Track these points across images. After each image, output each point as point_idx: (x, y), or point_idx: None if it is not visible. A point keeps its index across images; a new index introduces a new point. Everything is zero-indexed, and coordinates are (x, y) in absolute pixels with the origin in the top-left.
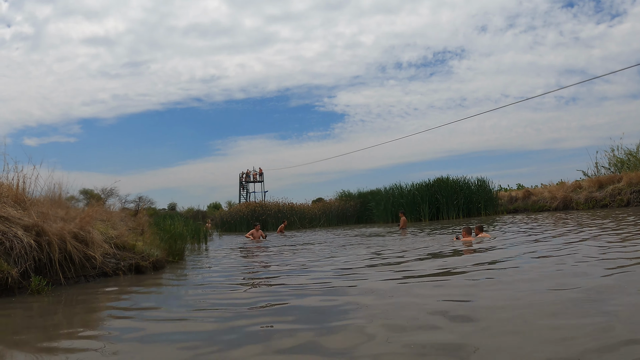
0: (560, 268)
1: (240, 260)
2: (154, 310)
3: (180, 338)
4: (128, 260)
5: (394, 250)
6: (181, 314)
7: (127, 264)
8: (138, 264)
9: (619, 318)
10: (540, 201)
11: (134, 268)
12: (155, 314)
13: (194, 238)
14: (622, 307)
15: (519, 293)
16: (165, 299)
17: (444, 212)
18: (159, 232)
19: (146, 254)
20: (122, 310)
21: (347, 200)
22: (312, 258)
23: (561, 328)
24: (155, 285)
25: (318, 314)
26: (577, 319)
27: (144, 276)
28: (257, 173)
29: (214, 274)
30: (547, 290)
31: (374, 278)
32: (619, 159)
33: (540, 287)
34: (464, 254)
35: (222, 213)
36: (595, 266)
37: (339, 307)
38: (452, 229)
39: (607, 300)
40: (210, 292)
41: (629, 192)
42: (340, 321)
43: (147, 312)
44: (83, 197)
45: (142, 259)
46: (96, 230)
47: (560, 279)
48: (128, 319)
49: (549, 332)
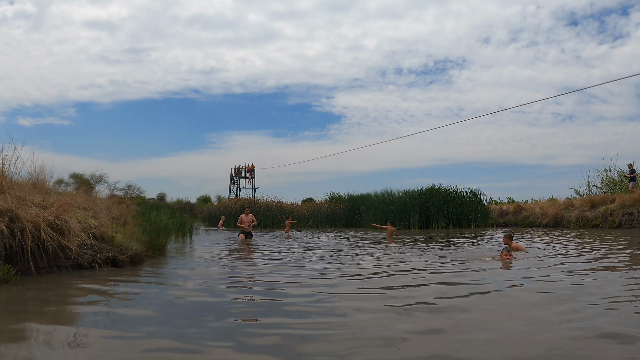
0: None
1: (225, 266)
2: (123, 307)
3: (145, 337)
4: (105, 252)
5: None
6: (148, 313)
7: (104, 257)
8: (115, 257)
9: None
10: (531, 217)
11: (110, 261)
12: (124, 311)
13: (178, 232)
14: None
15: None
16: (138, 298)
17: (434, 221)
18: (142, 224)
19: (124, 247)
20: (91, 304)
21: (337, 203)
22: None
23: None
24: (130, 281)
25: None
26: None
27: (121, 270)
28: (249, 168)
29: (192, 277)
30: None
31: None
32: (612, 180)
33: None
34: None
35: (210, 207)
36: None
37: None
38: (452, 239)
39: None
40: (183, 295)
41: (621, 213)
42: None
43: (117, 308)
44: (72, 181)
45: (119, 252)
46: (74, 219)
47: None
48: (96, 314)
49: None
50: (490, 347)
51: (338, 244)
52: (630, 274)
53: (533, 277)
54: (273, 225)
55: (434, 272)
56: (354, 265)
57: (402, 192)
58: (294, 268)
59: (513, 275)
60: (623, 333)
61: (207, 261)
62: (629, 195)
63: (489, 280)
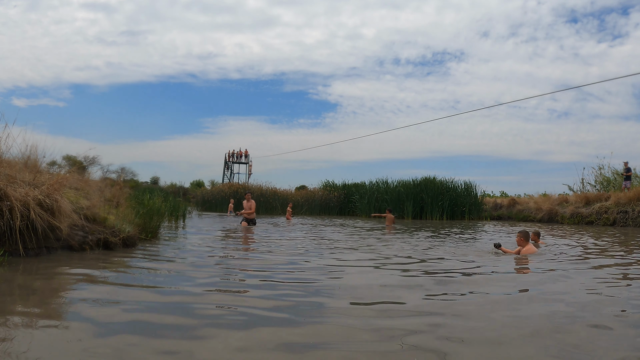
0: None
1: (219, 254)
2: (113, 290)
3: (133, 326)
4: (97, 234)
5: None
6: (140, 299)
7: (95, 239)
8: (107, 239)
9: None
10: (525, 211)
11: (102, 243)
12: (113, 297)
13: (171, 215)
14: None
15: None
16: (129, 281)
17: (428, 212)
18: (136, 206)
19: (117, 229)
20: (80, 287)
21: (331, 191)
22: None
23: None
24: (122, 265)
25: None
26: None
27: (112, 253)
28: (240, 153)
29: (185, 264)
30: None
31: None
32: (606, 178)
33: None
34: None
35: (204, 191)
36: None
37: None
38: (448, 230)
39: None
40: (174, 281)
41: (616, 211)
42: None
43: (106, 291)
44: (66, 163)
45: (112, 234)
46: (66, 199)
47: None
48: (84, 297)
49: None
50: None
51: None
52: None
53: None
54: (266, 211)
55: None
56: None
57: (397, 182)
58: (289, 254)
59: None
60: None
61: (199, 245)
62: (625, 194)
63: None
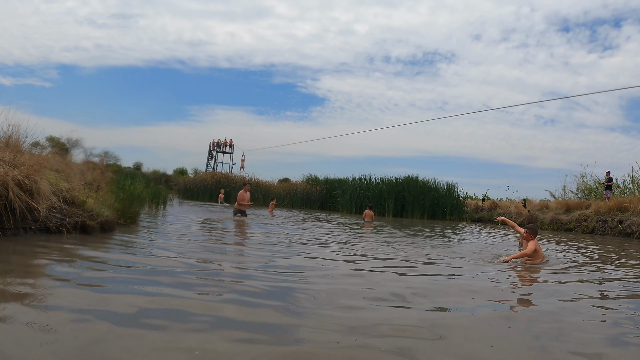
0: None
1: (201, 242)
2: (86, 274)
3: (106, 311)
4: (75, 217)
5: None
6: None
7: (73, 222)
8: (85, 222)
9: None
10: (505, 214)
11: (79, 226)
12: (86, 278)
13: (152, 202)
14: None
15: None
16: (103, 266)
17: (409, 210)
18: (116, 191)
19: (95, 213)
20: (54, 269)
21: (313, 185)
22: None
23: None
24: (99, 248)
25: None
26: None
27: (89, 237)
28: (225, 143)
29: (163, 249)
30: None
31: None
32: (588, 186)
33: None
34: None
35: (186, 179)
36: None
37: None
38: (420, 229)
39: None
40: (148, 265)
41: (595, 220)
42: None
43: (79, 274)
44: (49, 144)
45: (90, 218)
46: (45, 180)
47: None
48: (57, 278)
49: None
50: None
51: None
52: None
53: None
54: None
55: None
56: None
57: (380, 179)
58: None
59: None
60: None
61: (179, 232)
62: (605, 203)
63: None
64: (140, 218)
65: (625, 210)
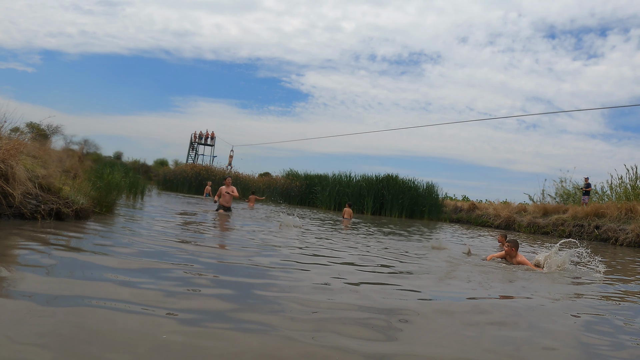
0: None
1: (173, 234)
2: (55, 260)
3: (73, 299)
4: (50, 204)
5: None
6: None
7: (48, 208)
8: (59, 209)
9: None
10: (484, 216)
11: (54, 213)
12: (54, 264)
13: (130, 192)
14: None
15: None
16: (74, 253)
17: (388, 209)
18: (93, 179)
19: (70, 201)
20: (24, 253)
21: (293, 180)
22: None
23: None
24: (70, 235)
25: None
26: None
27: (64, 224)
28: (207, 135)
29: (134, 238)
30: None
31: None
32: (566, 191)
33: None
34: None
35: (166, 171)
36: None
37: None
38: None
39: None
40: (119, 257)
41: (572, 224)
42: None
43: (49, 260)
44: (29, 130)
45: (65, 205)
46: (22, 165)
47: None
48: (28, 264)
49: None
50: None
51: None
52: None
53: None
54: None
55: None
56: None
57: (360, 177)
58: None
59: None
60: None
61: (153, 223)
62: (582, 208)
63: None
64: (117, 207)
65: (602, 216)
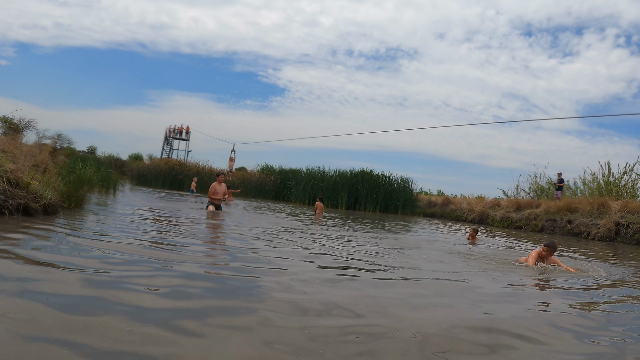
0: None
1: (144, 229)
2: (20, 255)
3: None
4: (18, 199)
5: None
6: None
7: (16, 203)
8: (27, 204)
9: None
10: (457, 211)
11: (22, 208)
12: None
13: (102, 186)
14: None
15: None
16: (39, 247)
17: (362, 203)
18: (63, 174)
19: (39, 195)
20: None
21: (268, 174)
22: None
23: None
24: (39, 229)
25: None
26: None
27: (32, 219)
28: (181, 129)
29: (100, 232)
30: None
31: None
32: (540, 186)
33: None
34: None
35: (140, 165)
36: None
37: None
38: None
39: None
40: (86, 251)
41: (545, 219)
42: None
43: (18, 254)
44: (1, 124)
45: (33, 200)
46: None
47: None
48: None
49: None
50: None
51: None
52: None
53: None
54: (200, 190)
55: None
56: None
57: (334, 172)
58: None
59: None
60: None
61: (123, 217)
62: (555, 203)
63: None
64: (88, 202)
65: (574, 211)
